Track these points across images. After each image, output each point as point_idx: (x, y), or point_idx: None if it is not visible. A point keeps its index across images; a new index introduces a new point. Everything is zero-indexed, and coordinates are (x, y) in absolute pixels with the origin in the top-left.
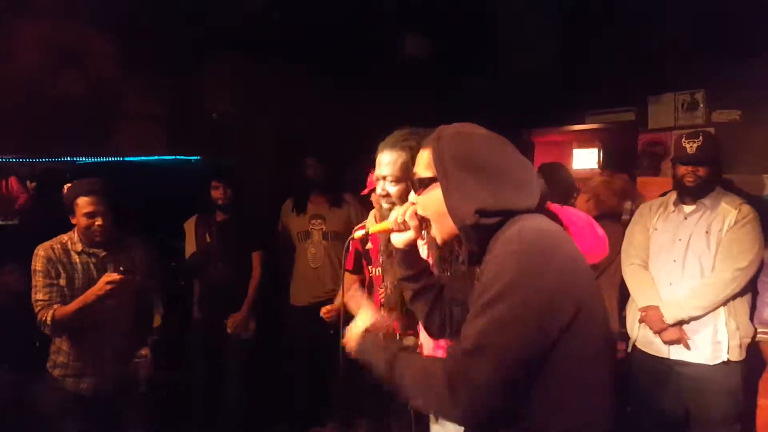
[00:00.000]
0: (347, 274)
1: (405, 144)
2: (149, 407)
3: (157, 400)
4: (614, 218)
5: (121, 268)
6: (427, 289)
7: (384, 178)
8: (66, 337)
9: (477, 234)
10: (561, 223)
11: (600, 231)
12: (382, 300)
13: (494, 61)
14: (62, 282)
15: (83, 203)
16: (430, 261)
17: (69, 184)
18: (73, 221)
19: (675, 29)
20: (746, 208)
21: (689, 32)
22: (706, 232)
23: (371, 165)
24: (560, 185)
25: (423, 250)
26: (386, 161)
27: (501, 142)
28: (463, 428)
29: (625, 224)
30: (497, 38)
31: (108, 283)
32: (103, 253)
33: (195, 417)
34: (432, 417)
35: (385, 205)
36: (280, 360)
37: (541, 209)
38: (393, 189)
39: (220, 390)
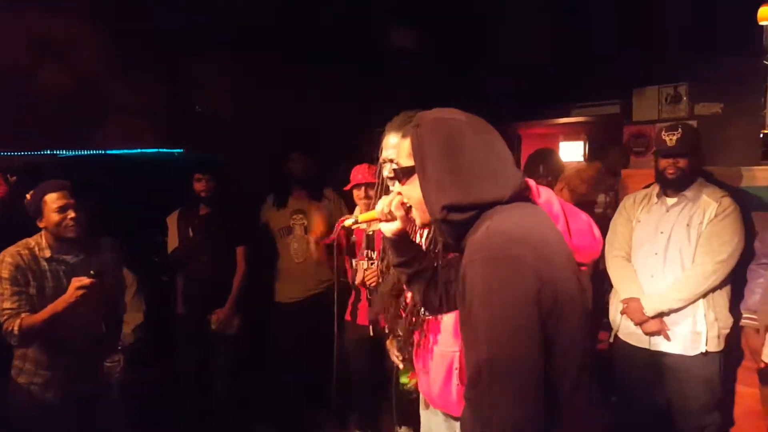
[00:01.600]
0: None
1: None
2: (126, 411)
3: (142, 396)
4: (588, 209)
5: (92, 272)
6: (421, 273)
7: (391, 160)
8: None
9: (449, 228)
10: (544, 212)
11: (597, 233)
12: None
13: (482, 56)
14: (32, 290)
15: (52, 199)
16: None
17: (32, 191)
18: (41, 224)
19: (659, 24)
20: (727, 201)
21: (673, 26)
22: (687, 225)
23: (356, 160)
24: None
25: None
26: (393, 143)
27: (479, 129)
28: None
29: (599, 216)
30: (485, 33)
31: (79, 288)
32: (73, 260)
33: (181, 413)
34: (422, 404)
35: (393, 189)
36: (266, 356)
37: (516, 198)
38: None
39: (206, 386)
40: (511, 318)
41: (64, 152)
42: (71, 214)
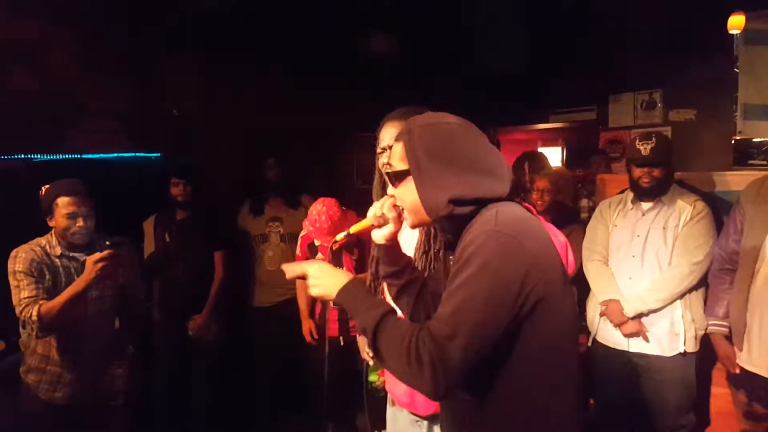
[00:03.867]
0: None
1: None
2: (125, 420)
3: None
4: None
5: (107, 242)
6: (410, 284)
7: (390, 147)
8: (44, 340)
9: (451, 223)
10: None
11: (570, 258)
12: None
13: (461, 62)
14: (48, 284)
15: (63, 203)
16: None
17: (47, 186)
18: (51, 223)
19: (635, 31)
20: (701, 205)
21: (648, 34)
22: (663, 228)
23: (332, 166)
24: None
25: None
26: (392, 133)
27: (471, 130)
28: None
29: (585, 220)
30: (464, 39)
31: (98, 261)
32: (84, 258)
33: (158, 422)
34: (388, 401)
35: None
36: (244, 362)
37: (512, 197)
38: None
39: (184, 393)
40: (494, 288)
41: (40, 157)
42: (80, 222)
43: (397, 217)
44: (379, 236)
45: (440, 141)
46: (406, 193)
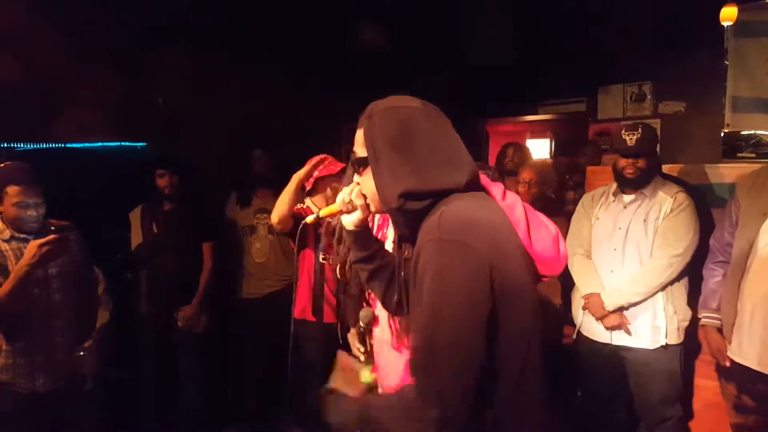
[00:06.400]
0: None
1: None
2: (98, 404)
3: (107, 398)
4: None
5: (53, 227)
6: (382, 269)
7: None
8: (2, 335)
9: (404, 217)
10: (495, 201)
11: (562, 248)
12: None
13: (450, 54)
14: None
15: (14, 192)
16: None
17: None
18: (0, 209)
19: (624, 23)
20: (682, 196)
21: (638, 26)
22: (644, 221)
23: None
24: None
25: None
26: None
27: (432, 116)
28: None
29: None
30: (453, 31)
31: (42, 245)
32: (35, 239)
33: (146, 415)
34: None
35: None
36: (234, 354)
37: (471, 186)
38: None
39: (172, 387)
40: (459, 303)
41: (24, 146)
42: (31, 212)
43: (365, 205)
44: (348, 222)
45: (399, 127)
46: (368, 181)
